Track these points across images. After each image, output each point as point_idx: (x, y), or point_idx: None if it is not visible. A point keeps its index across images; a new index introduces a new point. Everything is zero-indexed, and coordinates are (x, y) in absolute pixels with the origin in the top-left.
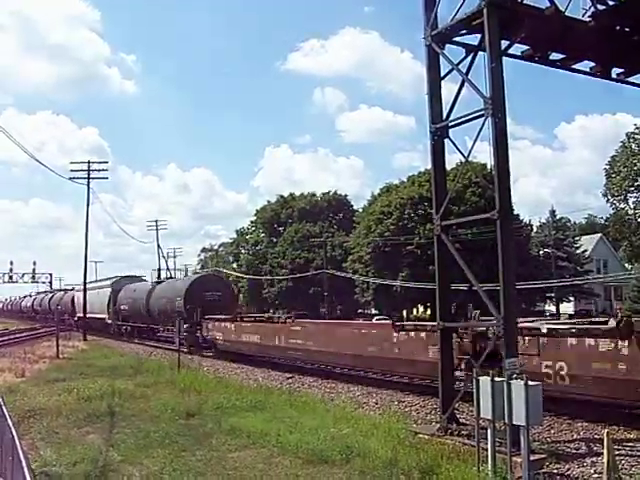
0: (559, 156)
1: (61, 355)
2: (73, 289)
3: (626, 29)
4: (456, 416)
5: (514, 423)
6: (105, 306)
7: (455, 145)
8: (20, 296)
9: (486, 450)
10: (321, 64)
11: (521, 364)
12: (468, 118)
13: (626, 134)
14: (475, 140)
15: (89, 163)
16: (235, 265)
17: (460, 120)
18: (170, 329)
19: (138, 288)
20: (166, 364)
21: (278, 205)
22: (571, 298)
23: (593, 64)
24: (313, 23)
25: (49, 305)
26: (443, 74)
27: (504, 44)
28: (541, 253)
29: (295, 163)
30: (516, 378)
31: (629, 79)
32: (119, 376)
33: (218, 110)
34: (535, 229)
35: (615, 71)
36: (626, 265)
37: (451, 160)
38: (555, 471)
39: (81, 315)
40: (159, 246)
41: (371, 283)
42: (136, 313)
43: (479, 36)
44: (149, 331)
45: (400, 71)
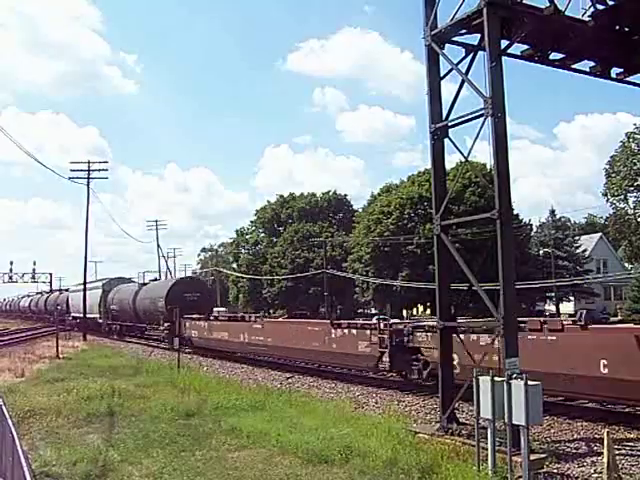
0: (559, 156)
1: (61, 355)
2: (67, 290)
3: (625, 29)
4: (456, 416)
5: (514, 423)
6: (97, 306)
7: (455, 145)
8: (18, 296)
9: (486, 450)
10: (321, 64)
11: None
12: (468, 118)
13: (626, 134)
14: (475, 140)
15: (89, 163)
16: (235, 265)
17: (460, 120)
18: (155, 327)
19: (126, 289)
20: (166, 364)
21: (278, 205)
22: (571, 298)
23: (593, 64)
24: (313, 23)
25: (45, 305)
26: (443, 74)
27: (504, 44)
28: (541, 253)
29: (295, 163)
30: (516, 378)
31: (629, 79)
32: (119, 376)
33: (218, 110)
34: (535, 229)
35: (615, 71)
36: (626, 265)
37: (451, 160)
38: (555, 471)
39: (75, 315)
40: (159, 246)
41: (371, 283)
42: (124, 313)
43: (479, 36)
44: (137, 330)
45: (400, 71)
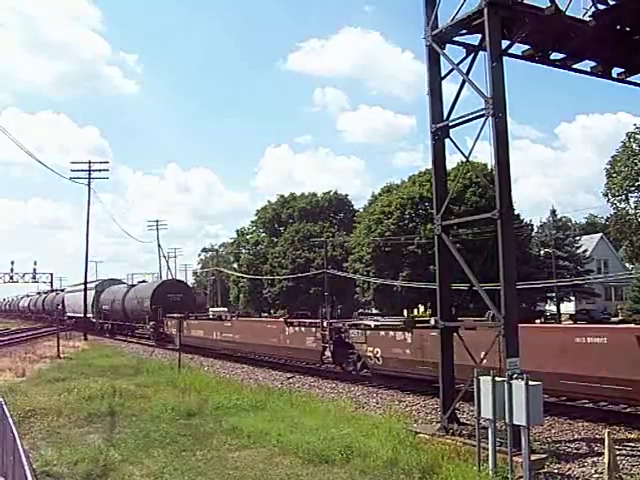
0: (560, 156)
1: (62, 355)
2: (63, 290)
3: (627, 28)
4: (457, 416)
5: (515, 423)
6: (90, 306)
7: (456, 145)
8: (18, 296)
9: (487, 450)
10: (322, 64)
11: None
12: (469, 118)
13: (627, 134)
14: (476, 140)
15: (90, 163)
16: (236, 265)
17: (461, 120)
18: (142, 326)
19: (116, 290)
20: (166, 364)
21: (279, 205)
22: (572, 298)
23: (594, 64)
24: (313, 23)
25: (43, 305)
26: (444, 74)
27: (505, 44)
28: (542, 253)
29: (296, 163)
30: (516, 378)
31: (630, 79)
32: (120, 376)
33: (219, 110)
34: (536, 229)
35: (616, 71)
36: (627, 265)
37: (452, 160)
38: (556, 471)
39: (70, 314)
40: (159, 246)
41: (372, 283)
42: (115, 312)
43: (479, 36)
44: (126, 328)
45: (401, 71)
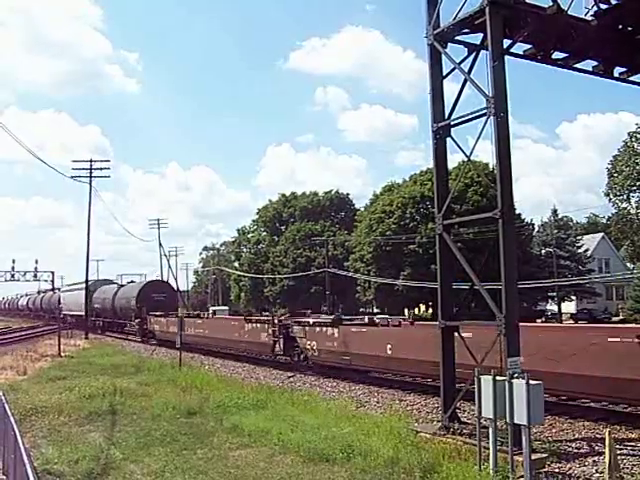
0: (561, 155)
1: (63, 353)
2: (59, 289)
3: (629, 28)
4: (457, 415)
5: (515, 422)
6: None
7: (457, 144)
8: (17, 295)
9: (487, 449)
10: (323, 63)
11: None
12: (470, 117)
13: (628, 133)
14: (477, 139)
15: (91, 162)
16: (237, 264)
17: (462, 119)
18: (129, 323)
19: (107, 290)
20: (167, 363)
21: (280, 204)
22: (573, 297)
23: (595, 63)
24: (315, 22)
25: (41, 304)
26: (445, 73)
27: (506, 43)
28: (543, 252)
29: (297, 162)
30: (518, 377)
31: (632, 78)
32: (121, 374)
33: (219, 109)
34: (537, 228)
35: (618, 70)
36: (628, 264)
37: (453, 159)
38: (556, 470)
39: (65, 313)
40: (161, 244)
41: (373, 282)
42: (105, 310)
43: (481, 35)
44: (116, 325)
45: (402, 70)
